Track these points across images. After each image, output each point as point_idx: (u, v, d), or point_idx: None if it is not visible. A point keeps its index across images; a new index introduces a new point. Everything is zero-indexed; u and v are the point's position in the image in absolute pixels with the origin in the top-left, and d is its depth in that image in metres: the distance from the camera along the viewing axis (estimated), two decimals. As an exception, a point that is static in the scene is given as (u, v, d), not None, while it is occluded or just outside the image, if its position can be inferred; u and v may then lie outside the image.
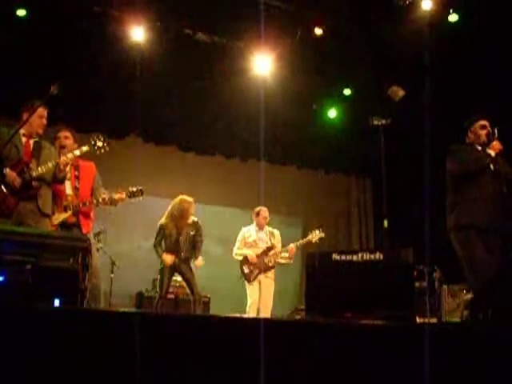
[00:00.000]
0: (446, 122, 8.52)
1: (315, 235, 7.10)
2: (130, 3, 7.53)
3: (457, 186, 5.10)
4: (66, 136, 5.27)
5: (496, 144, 5.12)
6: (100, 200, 5.17)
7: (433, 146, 9.08)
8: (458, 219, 4.99)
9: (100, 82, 8.19)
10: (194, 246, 6.81)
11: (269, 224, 7.28)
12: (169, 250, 6.71)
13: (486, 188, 4.98)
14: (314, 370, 2.77)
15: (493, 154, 5.09)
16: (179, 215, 6.79)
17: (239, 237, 7.14)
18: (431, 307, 7.96)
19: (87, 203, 5.13)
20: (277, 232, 7.21)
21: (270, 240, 7.07)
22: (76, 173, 5.28)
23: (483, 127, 5.18)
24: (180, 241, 6.73)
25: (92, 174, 5.41)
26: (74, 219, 5.11)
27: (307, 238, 7.13)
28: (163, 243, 6.79)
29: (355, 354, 2.87)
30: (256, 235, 7.08)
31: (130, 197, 5.42)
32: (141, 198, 5.51)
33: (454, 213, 5.04)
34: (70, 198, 5.14)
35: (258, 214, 7.13)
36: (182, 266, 6.72)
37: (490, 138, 5.13)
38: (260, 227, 7.12)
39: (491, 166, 5.03)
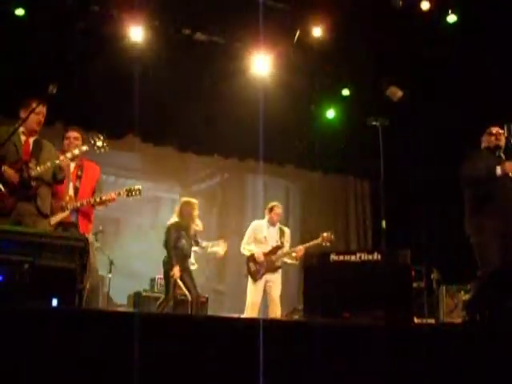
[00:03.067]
0: (444, 123, 8.55)
1: (325, 238, 6.91)
2: (129, 3, 7.51)
3: (473, 192, 5.03)
4: (75, 137, 5.22)
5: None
6: (91, 201, 5.14)
7: (431, 146, 9.12)
8: (478, 227, 4.92)
9: (98, 81, 8.17)
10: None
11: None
12: (179, 256, 6.54)
13: (506, 202, 4.92)
14: (311, 370, 2.77)
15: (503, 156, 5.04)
16: (192, 218, 6.68)
17: (249, 231, 6.96)
18: (429, 308, 7.97)
19: (85, 202, 5.11)
20: (287, 230, 7.07)
21: (280, 238, 6.93)
22: (79, 172, 5.26)
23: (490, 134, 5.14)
24: (188, 246, 6.64)
25: (95, 177, 5.40)
26: (72, 219, 5.10)
27: (317, 241, 6.93)
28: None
29: (353, 354, 2.87)
30: (266, 231, 6.91)
31: (128, 195, 5.39)
32: (139, 196, 5.48)
33: (473, 220, 4.98)
34: (68, 197, 5.12)
35: (271, 209, 6.95)
36: (184, 275, 6.57)
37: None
38: (272, 223, 6.95)
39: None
